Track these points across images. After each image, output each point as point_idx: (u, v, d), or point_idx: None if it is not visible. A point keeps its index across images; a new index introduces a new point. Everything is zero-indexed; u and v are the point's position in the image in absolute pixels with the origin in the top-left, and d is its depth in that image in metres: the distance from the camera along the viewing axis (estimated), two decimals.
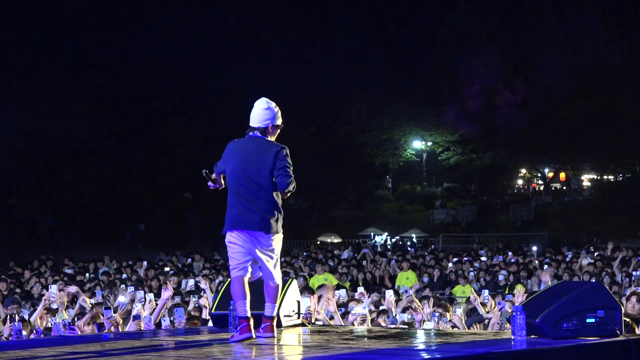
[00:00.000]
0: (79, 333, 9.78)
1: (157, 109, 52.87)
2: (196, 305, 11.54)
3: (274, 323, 7.30)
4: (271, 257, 7.31)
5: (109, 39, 55.89)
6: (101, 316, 10.30)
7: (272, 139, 7.37)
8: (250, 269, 7.37)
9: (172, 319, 9.87)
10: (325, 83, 56.51)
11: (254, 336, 7.10)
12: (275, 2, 61.29)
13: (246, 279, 7.34)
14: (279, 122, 7.40)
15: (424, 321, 10.42)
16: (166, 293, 10.32)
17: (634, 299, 10.93)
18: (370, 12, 62.42)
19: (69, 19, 55.80)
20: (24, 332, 9.56)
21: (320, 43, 59.08)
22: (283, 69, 56.89)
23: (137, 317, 9.55)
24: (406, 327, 9.98)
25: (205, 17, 59.50)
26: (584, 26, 53.93)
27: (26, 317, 10.81)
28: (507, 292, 16.42)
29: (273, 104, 7.40)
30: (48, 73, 51.73)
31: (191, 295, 12.15)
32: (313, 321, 9.02)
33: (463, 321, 10.19)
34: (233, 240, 7.30)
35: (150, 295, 10.94)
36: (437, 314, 10.26)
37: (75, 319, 10.68)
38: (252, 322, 7.11)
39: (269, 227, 7.21)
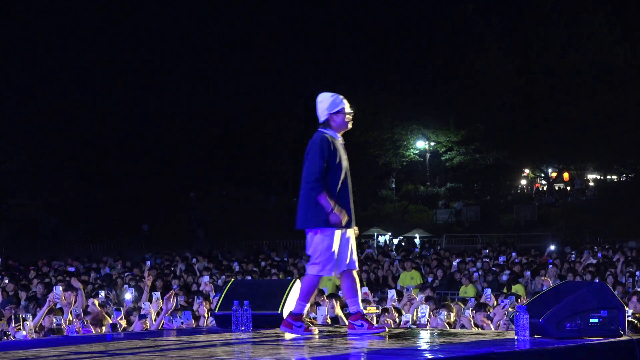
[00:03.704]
0: (92, 332, 9.78)
1: (161, 108, 52.83)
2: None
3: (288, 320, 7.39)
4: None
5: (111, 38, 55.87)
6: (109, 318, 10.32)
7: (336, 126, 7.43)
8: (339, 266, 7.46)
9: (180, 319, 9.92)
10: (326, 82, 56.43)
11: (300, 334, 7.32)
12: (276, 1, 61.27)
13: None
14: (337, 107, 7.43)
15: (428, 321, 10.41)
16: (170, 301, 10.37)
17: (634, 298, 10.98)
18: (372, 11, 62.38)
19: (69, 17, 55.81)
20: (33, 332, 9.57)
21: (322, 42, 59.05)
22: (283, 69, 56.86)
23: (143, 317, 9.57)
24: (412, 327, 9.98)
25: (206, 18, 59.53)
26: (587, 26, 53.86)
27: (30, 317, 10.82)
28: (505, 291, 16.40)
29: (326, 95, 7.48)
30: (50, 73, 51.75)
31: (195, 296, 12.20)
32: (328, 321, 9.04)
33: (472, 322, 10.18)
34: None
35: (157, 294, 10.99)
36: (442, 314, 10.25)
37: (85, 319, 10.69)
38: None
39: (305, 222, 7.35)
